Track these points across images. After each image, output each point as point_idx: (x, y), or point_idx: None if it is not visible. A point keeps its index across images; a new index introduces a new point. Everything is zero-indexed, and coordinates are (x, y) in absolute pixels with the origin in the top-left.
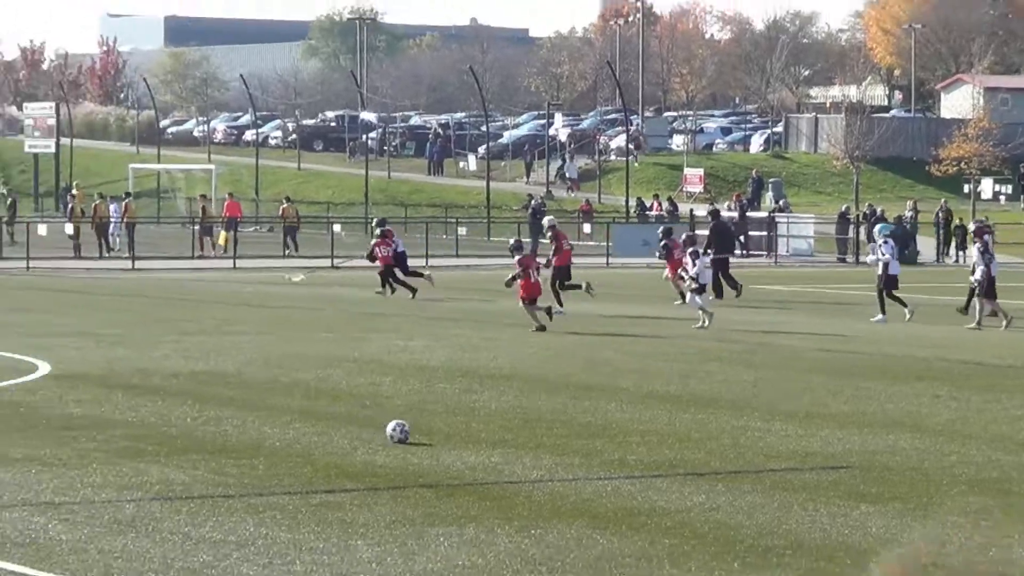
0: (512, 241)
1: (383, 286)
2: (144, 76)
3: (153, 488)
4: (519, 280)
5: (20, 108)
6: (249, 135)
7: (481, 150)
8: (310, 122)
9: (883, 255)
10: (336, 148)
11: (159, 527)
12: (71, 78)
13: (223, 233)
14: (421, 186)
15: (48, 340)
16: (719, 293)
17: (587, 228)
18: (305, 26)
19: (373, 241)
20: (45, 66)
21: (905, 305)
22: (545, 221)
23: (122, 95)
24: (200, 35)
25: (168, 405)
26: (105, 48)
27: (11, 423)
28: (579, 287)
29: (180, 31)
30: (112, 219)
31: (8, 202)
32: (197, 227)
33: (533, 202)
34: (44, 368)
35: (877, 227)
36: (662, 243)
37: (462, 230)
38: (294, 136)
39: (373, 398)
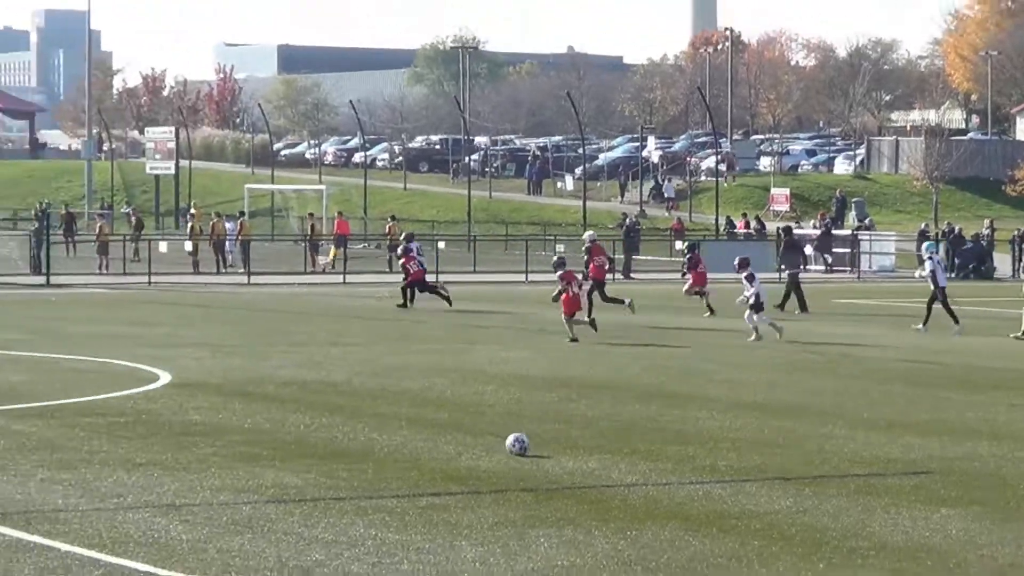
0: (555, 258)
1: (412, 297)
2: (258, 102)
3: (268, 491)
4: (563, 295)
5: (142, 132)
6: (358, 157)
7: (578, 171)
8: (415, 145)
9: (927, 270)
10: (440, 169)
11: (274, 528)
12: (190, 104)
13: (332, 249)
14: (521, 205)
15: (169, 351)
16: (803, 307)
17: (679, 245)
18: (411, 54)
19: (402, 259)
20: (165, 92)
21: (956, 321)
22: (586, 236)
23: (238, 120)
24: (311, 63)
25: (281, 412)
26: (222, 75)
27: (135, 430)
28: (622, 302)
29: (292, 59)
30: (228, 236)
31: (133, 220)
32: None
33: (627, 220)
34: (165, 378)
35: (924, 244)
36: (687, 256)
37: (560, 247)
38: (400, 158)
39: (476, 406)
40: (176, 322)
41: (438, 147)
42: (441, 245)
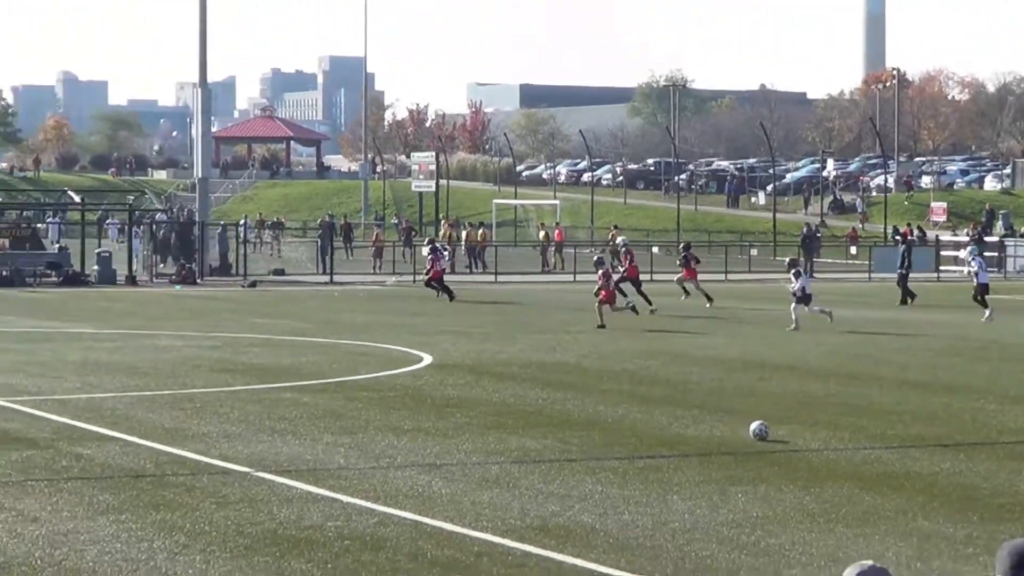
0: (595, 258)
1: (440, 292)
2: (504, 131)
3: (512, 453)
4: (602, 290)
5: (408, 156)
6: (586, 177)
7: (769, 188)
8: (634, 166)
9: (972, 267)
10: (654, 187)
11: (517, 484)
12: (447, 133)
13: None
14: (721, 217)
15: (431, 337)
16: (905, 299)
17: (853, 250)
18: (630, 91)
19: (429, 258)
20: (427, 124)
21: (987, 307)
22: (619, 240)
23: (487, 146)
24: (548, 99)
25: (523, 388)
26: (473, 109)
27: (403, 402)
28: (648, 302)
29: (532, 96)
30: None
31: (404, 229)
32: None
33: (807, 229)
34: (428, 359)
35: (968, 248)
36: (682, 255)
37: (754, 251)
38: (621, 177)
39: (684, 384)
40: (438, 313)
41: (652, 168)
42: (655, 250)
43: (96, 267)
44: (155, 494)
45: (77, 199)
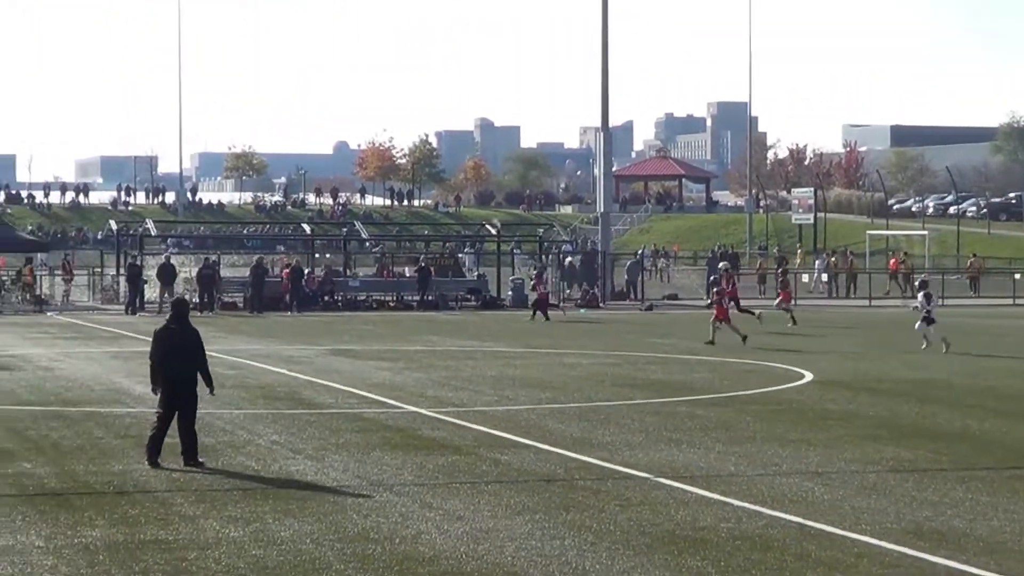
0: (711, 279)
1: (534, 315)
2: (876, 168)
3: (888, 463)
4: (715, 305)
5: (789, 192)
6: (952, 209)
7: None
8: (997, 200)
9: None
10: (1016, 218)
11: (892, 491)
12: (824, 170)
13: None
14: None
15: (811, 356)
16: None
17: None
18: (992, 131)
19: (532, 282)
20: (806, 162)
21: None
22: (721, 266)
23: (860, 182)
24: (916, 138)
25: (897, 403)
26: (848, 148)
27: (787, 415)
28: (752, 313)
29: (902, 135)
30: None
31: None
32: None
33: None
34: (808, 376)
35: None
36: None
37: None
38: (985, 210)
39: None
40: (815, 334)
41: (1014, 201)
42: (1017, 276)
43: (510, 292)
44: (565, 496)
45: (493, 231)
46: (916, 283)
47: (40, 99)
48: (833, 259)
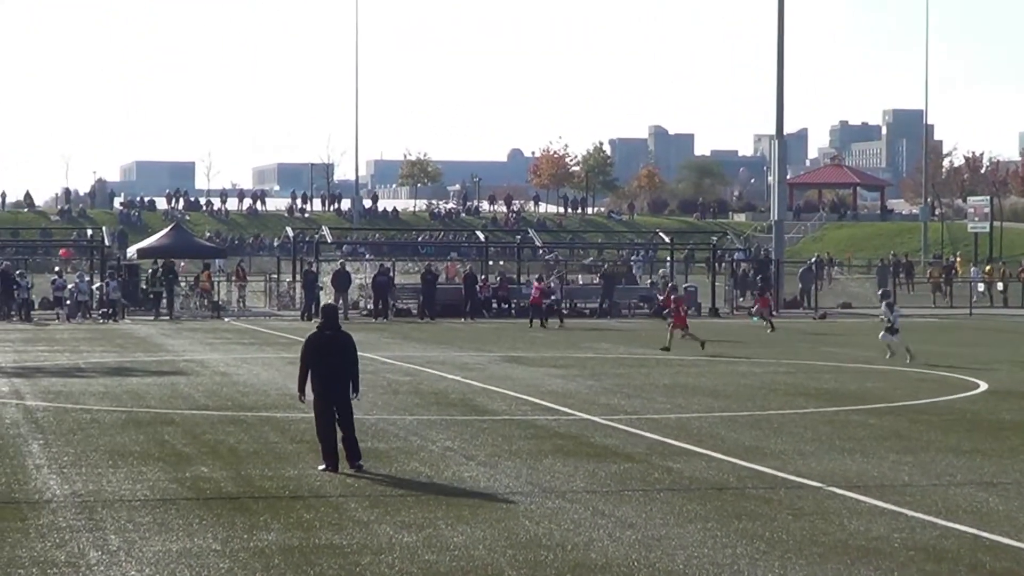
0: (670, 285)
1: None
2: None
3: None
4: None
5: (964, 200)
6: None
7: None
8: None
9: None
10: None
11: None
12: (1000, 178)
13: None
14: None
15: (986, 366)
16: None
17: None
18: None
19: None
20: (982, 170)
21: None
22: (670, 286)
23: None
24: None
25: None
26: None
27: (960, 425)
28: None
29: None
30: None
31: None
32: None
33: None
34: (983, 386)
35: None
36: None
37: None
38: None
39: None
40: (992, 343)
41: None
42: None
43: None
44: (737, 505)
45: (667, 239)
46: (879, 293)
47: (219, 107)
48: (988, 268)
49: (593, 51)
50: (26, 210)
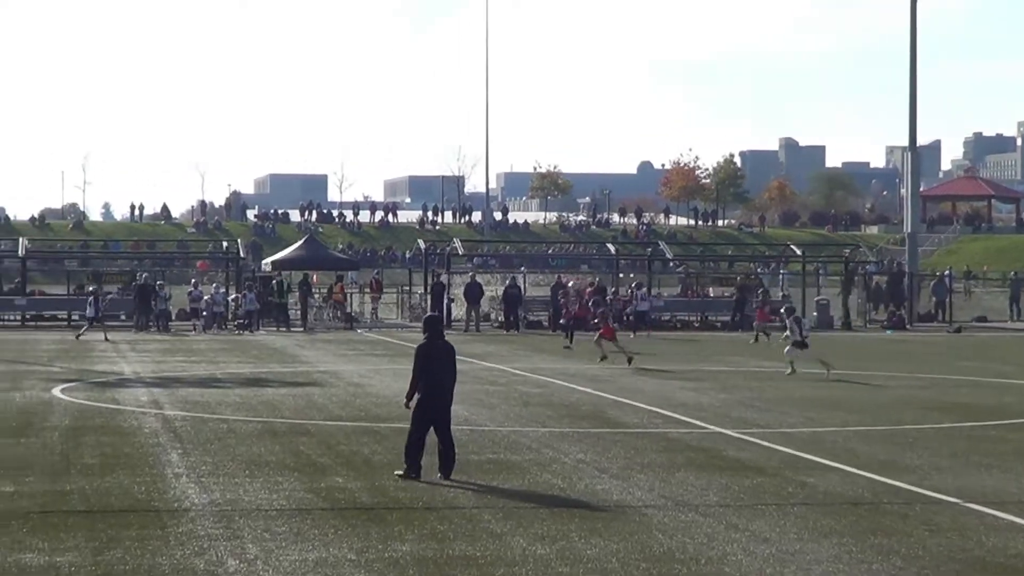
0: (788, 304)
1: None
2: None
3: None
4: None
5: None
6: None
7: None
8: None
9: None
10: None
11: None
12: None
13: None
14: None
15: None
16: None
17: None
18: None
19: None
20: None
21: None
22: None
23: None
24: None
25: None
26: None
27: None
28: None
29: None
30: None
31: None
32: None
33: None
34: None
35: None
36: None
37: None
38: None
39: None
40: None
41: None
42: None
43: (815, 313)
44: (872, 520)
45: (798, 252)
46: (783, 309)
47: (351, 121)
48: None
49: (722, 62)
50: (163, 222)
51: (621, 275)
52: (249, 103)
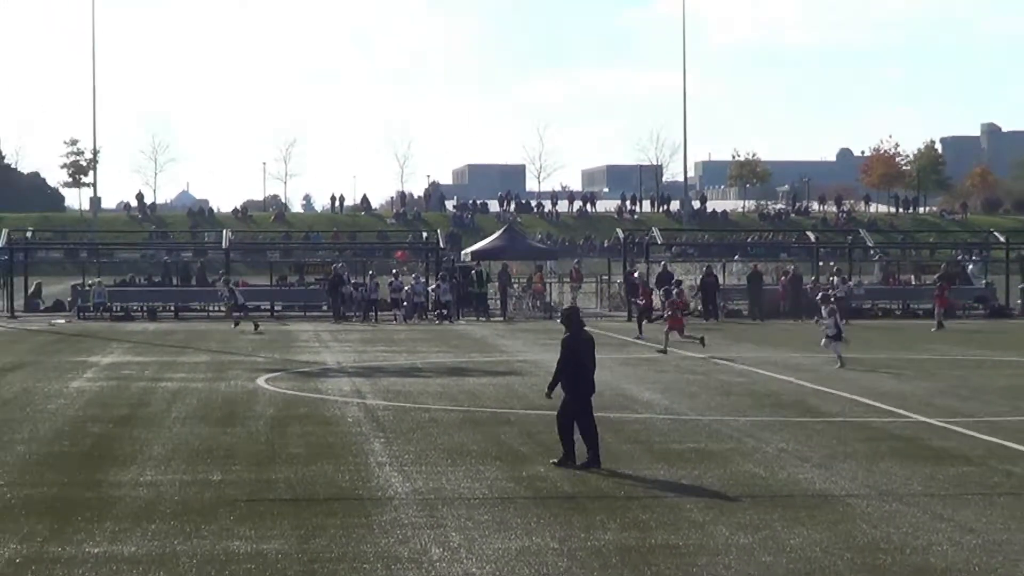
0: (663, 290)
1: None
2: None
3: None
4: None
5: None
6: None
7: None
8: None
9: None
10: None
11: None
12: None
13: None
14: None
15: None
16: None
17: None
18: None
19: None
20: None
21: None
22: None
23: None
24: None
25: None
26: None
27: None
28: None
29: None
30: None
31: None
32: None
33: None
34: None
35: None
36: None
37: None
38: None
39: None
40: None
41: None
42: None
43: (1020, 301)
44: None
45: (1001, 239)
46: (818, 297)
47: (549, 111)
48: None
49: (921, 48)
50: (363, 213)
51: (820, 263)
52: (448, 94)
